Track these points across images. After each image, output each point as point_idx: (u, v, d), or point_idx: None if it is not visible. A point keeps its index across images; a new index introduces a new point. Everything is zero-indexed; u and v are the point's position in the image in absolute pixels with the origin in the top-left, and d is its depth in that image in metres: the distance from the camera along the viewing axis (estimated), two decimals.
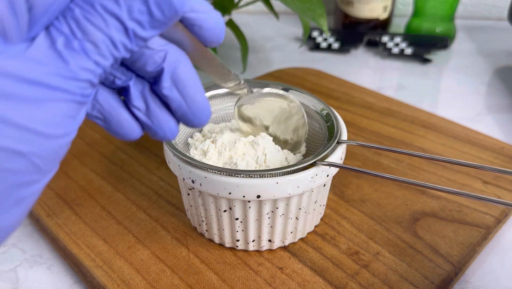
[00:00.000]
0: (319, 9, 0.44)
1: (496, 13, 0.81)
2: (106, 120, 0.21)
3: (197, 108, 0.21)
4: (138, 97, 0.21)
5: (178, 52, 0.20)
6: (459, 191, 0.25)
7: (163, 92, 0.20)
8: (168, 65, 0.20)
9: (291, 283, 0.30)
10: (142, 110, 0.21)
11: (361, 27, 0.73)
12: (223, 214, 0.30)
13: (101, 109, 0.20)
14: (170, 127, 0.22)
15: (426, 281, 0.30)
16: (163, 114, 0.21)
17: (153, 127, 0.21)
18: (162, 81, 0.20)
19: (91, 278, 0.31)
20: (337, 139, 0.31)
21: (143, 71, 0.20)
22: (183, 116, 0.21)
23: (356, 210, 0.36)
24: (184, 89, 0.20)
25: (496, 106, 0.54)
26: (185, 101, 0.21)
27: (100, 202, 0.37)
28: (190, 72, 0.21)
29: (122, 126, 0.21)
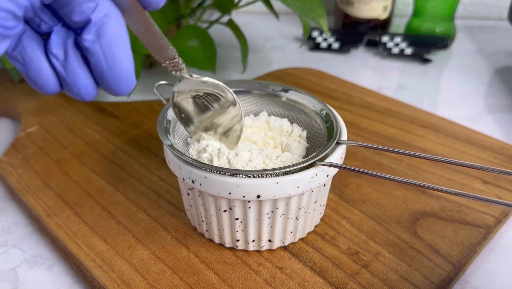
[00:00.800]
0: (319, 9, 0.44)
1: (496, 13, 0.81)
2: (25, 64, 0.20)
3: (117, 71, 0.20)
4: (58, 45, 0.20)
5: (111, 7, 0.19)
6: (459, 191, 0.25)
7: (84, 44, 0.19)
8: (96, 17, 0.19)
9: (291, 283, 0.30)
10: (59, 59, 0.20)
11: (361, 27, 0.73)
12: (223, 214, 0.30)
13: (22, 52, 0.19)
14: (86, 85, 0.20)
15: (426, 281, 0.30)
16: (80, 69, 0.20)
17: (68, 80, 0.20)
18: (85, 32, 0.19)
19: (91, 278, 0.31)
20: (336, 139, 0.31)
21: (69, 19, 0.19)
22: (101, 77, 0.20)
23: (356, 210, 0.36)
24: (107, 46, 0.19)
25: (496, 106, 0.54)
26: (106, 60, 0.20)
27: (100, 202, 0.37)
28: (120, 31, 0.20)
29: (39, 74, 0.20)
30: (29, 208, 0.37)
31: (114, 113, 0.50)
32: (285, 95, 0.36)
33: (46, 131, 0.47)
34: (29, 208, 0.37)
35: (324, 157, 0.30)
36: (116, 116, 0.49)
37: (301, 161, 0.29)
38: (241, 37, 0.57)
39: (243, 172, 0.28)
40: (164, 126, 0.32)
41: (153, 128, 0.47)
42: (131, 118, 0.49)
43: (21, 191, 0.39)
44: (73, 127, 0.47)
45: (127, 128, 0.47)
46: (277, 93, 0.36)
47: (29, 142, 0.45)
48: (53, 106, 0.51)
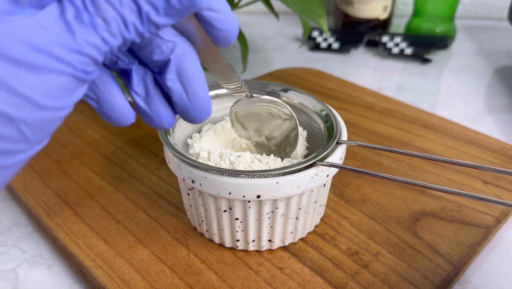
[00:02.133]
0: (319, 9, 0.44)
1: (496, 13, 0.81)
2: (99, 101, 0.20)
3: (199, 104, 0.21)
4: (139, 83, 0.21)
5: (187, 45, 0.20)
6: (459, 191, 0.25)
7: (167, 83, 0.20)
8: (175, 57, 0.20)
9: (291, 283, 0.30)
10: (141, 96, 0.21)
11: (361, 27, 0.73)
12: (223, 214, 0.30)
13: (96, 90, 0.20)
14: (168, 117, 0.22)
15: (426, 281, 0.30)
16: (162, 103, 0.21)
17: (151, 115, 0.21)
18: (167, 73, 0.20)
19: (91, 278, 0.31)
20: (336, 139, 0.31)
21: (148, 59, 0.20)
22: (183, 110, 0.21)
23: (356, 210, 0.36)
24: (188, 83, 0.20)
25: (496, 106, 0.54)
26: (187, 96, 0.21)
27: (100, 202, 0.37)
28: (196, 67, 0.21)
29: (114, 109, 0.20)
30: (29, 208, 0.37)
31: None
32: (285, 95, 0.36)
33: None
34: (29, 208, 0.37)
35: (324, 157, 0.30)
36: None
37: (302, 161, 0.29)
38: (241, 37, 0.57)
39: (243, 172, 0.28)
40: None
41: (153, 129, 0.47)
42: None
43: (21, 191, 0.39)
44: (73, 127, 0.47)
45: (127, 128, 0.47)
46: (277, 93, 0.36)
47: None
48: None
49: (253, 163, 0.30)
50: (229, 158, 0.30)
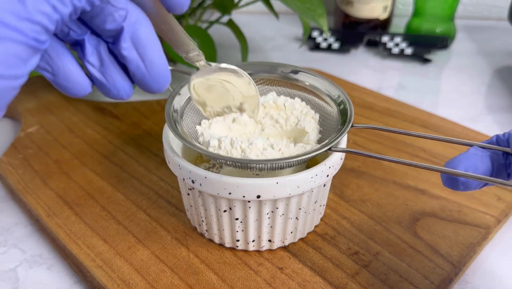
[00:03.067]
0: (319, 9, 0.44)
1: (496, 13, 0.81)
2: (53, 72, 0.20)
3: (156, 72, 0.21)
4: (93, 53, 0.20)
5: (139, 12, 0.20)
6: None
7: (122, 52, 0.20)
8: (128, 24, 0.19)
9: (291, 283, 0.30)
10: (96, 66, 0.21)
11: (361, 27, 0.72)
12: (223, 214, 0.30)
13: (50, 61, 0.20)
14: (125, 87, 0.21)
15: (426, 281, 0.30)
16: (118, 73, 0.21)
17: (107, 85, 0.21)
18: (121, 41, 0.20)
19: (91, 278, 0.31)
20: (351, 123, 0.30)
21: (101, 29, 0.20)
22: (141, 80, 0.21)
23: (356, 210, 0.36)
24: (143, 51, 0.20)
25: (496, 106, 0.54)
26: (144, 64, 0.20)
27: (100, 202, 0.37)
28: (151, 34, 0.20)
29: (69, 79, 0.20)
30: (29, 208, 0.37)
31: (114, 113, 0.50)
32: (295, 77, 0.35)
33: (46, 131, 0.47)
34: (29, 208, 0.37)
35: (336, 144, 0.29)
36: (116, 116, 0.49)
37: (316, 148, 0.28)
38: (241, 37, 0.57)
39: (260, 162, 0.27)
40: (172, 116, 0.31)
41: (153, 128, 0.47)
42: (131, 118, 0.49)
43: (21, 191, 0.39)
44: (73, 127, 0.47)
45: (127, 128, 0.47)
46: (287, 75, 0.35)
47: (29, 142, 0.45)
48: (53, 106, 0.51)
49: (265, 150, 0.29)
50: (241, 146, 0.29)
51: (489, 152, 0.24)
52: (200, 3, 0.57)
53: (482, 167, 0.23)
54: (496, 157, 0.24)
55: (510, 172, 0.24)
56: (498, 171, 0.24)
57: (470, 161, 0.23)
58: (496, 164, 0.24)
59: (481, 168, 0.23)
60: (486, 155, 0.24)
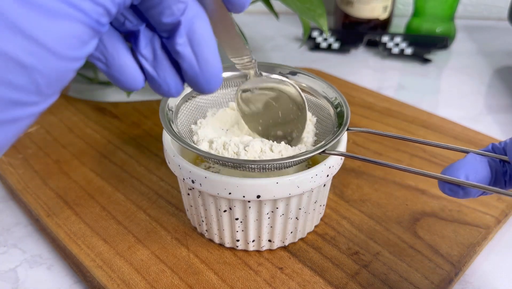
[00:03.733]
0: (319, 9, 0.44)
1: (496, 13, 0.81)
2: (107, 63, 0.19)
3: (209, 72, 0.20)
4: (147, 46, 0.20)
5: (198, 7, 0.19)
6: None
7: (176, 48, 0.19)
8: (186, 19, 0.19)
9: (291, 283, 0.30)
10: (149, 59, 0.20)
11: (361, 27, 0.72)
12: (223, 214, 0.30)
13: (104, 51, 0.19)
14: (176, 84, 0.21)
15: (426, 281, 0.30)
16: (170, 69, 0.20)
17: (158, 80, 0.20)
18: (176, 36, 0.19)
19: (91, 278, 0.31)
20: (347, 126, 0.29)
21: (157, 21, 0.19)
22: (193, 78, 0.20)
23: (356, 210, 0.36)
24: (199, 48, 0.19)
25: (496, 106, 0.54)
26: (198, 62, 0.19)
27: (100, 202, 0.37)
28: (208, 32, 0.19)
29: (123, 72, 0.20)
30: (29, 208, 0.37)
31: (114, 113, 0.50)
32: (293, 78, 0.35)
33: (46, 131, 0.47)
34: (29, 208, 0.37)
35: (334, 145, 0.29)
36: (116, 116, 0.49)
37: (311, 150, 0.28)
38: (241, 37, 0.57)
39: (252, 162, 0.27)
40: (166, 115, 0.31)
41: (153, 128, 0.47)
42: (131, 118, 0.49)
43: (21, 191, 0.39)
44: (73, 127, 0.47)
45: (127, 128, 0.47)
46: (285, 75, 0.35)
47: (29, 143, 0.45)
48: (53, 106, 0.51)
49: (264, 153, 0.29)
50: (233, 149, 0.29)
51: (487, 158, 0.24)
52: None
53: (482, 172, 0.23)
54: (494, 163, 0.24)
55: (507, 180, 0.24)
56: (496, 177, 0.24)
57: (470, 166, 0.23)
58: (495, 170, 0.24)
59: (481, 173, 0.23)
60: (484, 160, 0.24)
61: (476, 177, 0.23)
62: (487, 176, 0.24)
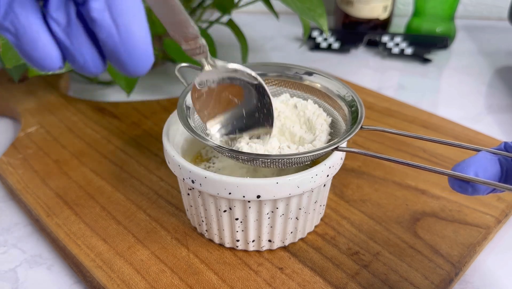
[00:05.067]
0: (319, 9, 0.43)
1: (496, 13, 0.81)
2: (18, 35, 0.16)
3: (133, 44, 0.17)
4: (59, 8, 0.17)
5: None
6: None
7: (91, 14, 0.16)
8: None
9: (291, 283, 0.30)
10: (61, 24, 0.17)
11: (361, 27, 0.72)
12: (223, 214, 0.30)
13: (14, 20, 0.16)
14: (93, 56, 0.17)
15: (426, 281, 0.30)
16: (86, 37, 0.17)
17: (72, 50, 0.17)
18: (92, 1, 0.16)
19: (91, 278, 0.31)
20: (360, 124, 0.29)
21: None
22: (113, 51, 0.17)
23: (356, 210, 0.36)
24: (119, 15, 0.16)
25: (497, 106, 0.54)
26: (118, 31, 0.16)
27: (100, 202, 0.37)
28: None
29: (35, 45, 0.17)
30: (29, 208, 0.37)
31: (114, 113, 0.50)
32: (309, 79, 0.35)
33: (46, 131, 0.47)
34: (29, 208, 0.37)
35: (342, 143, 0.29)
36: (116, 116, 0.49)
37: (325, 146, 0.28)
38: (241, 37, 0.57)
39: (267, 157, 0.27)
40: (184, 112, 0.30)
41: (153, 128, 0.47)
42: (131, 118, 0.49)
43: (21, 191, 0.39)
44: (73, 127, 0.47)
45: (127, 128, 0.47)
46: (301, 76, 0.35)
47: (29, 142, 0.45)
48: (53, 106, 0.51)
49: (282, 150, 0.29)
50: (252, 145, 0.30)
51: (498, 156, 0.24)
52: (200, 3, 0.57)
53: (492, 170, 0.23)
54: (506, 162, 0.24)
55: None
56: (507, 176, 0.24)
57: (480, 163, 0.23)
58: (506, 168, 0.24)
59: (490, 171, 0.23)
60: (495, 158, 0.24)
61: (486, 174, 0.23)
62: (497, 174, 0.24)
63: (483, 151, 0.25)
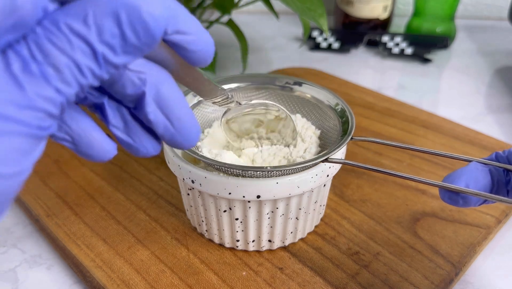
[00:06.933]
0: (319, 9, 0.43)
1: (497, 13, 0.81)
2: (74, 142, 0.19)
3: (186, 130, 0.19)
4: (116, 115, 0.19)
5: (160, 72, 0.18)
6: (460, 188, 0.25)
7: (148, 117, 0.18)
8: (149, 88, 0.18)
9: (291, 284, 0.30)
10: (120, 128, 0.19)
11: (361, 27, 0.72)
12: (223, 214, 0.30)
13: (69, 131, 0.18)
14: (153, 144, 0.20)
15: (426, 281, 0.30)
16: (144, 132, 0.20)
17: (134, 146, 0.20)
18: (145, 106, 0.18)
19: (91, 278, 0.31)
20: (350, 136, 0.30)
21: (121, 94, 0.18)
22: (171, 140, 0.19)
23: (356, 210, 0.36)
24: (170, 111, 0.18)
25: (497, 106, 0.54)
26: (172, 124, 0.19)
27: (99, 202, 0.37)
28: (175, 92, 0.19)
29: (93, 147, 0.19)
30: (29, 208, 0.37)
31: None
32: (299, 89, 0.35)
33: None
34: (29, 208, 0.37)
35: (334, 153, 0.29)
36: None
37: (314, 158, 0.28)
38: (241, 37, 0.57)
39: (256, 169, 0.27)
40: None
41: None
42: None
43: (21, 191, 0.39)
44: None
45: None
46: (291, 87, 0.35)
47: None
48: None
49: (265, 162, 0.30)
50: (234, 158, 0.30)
51: (489, 167, 0.24)
52: (200, 3, 0.57)
53: (483, 181, 0.23)
54: (497, 172, 0.24)
55: (510, 189, 0.24)
56: (498, 187, 0.24)
57: (471, 174, 0.23)
58: (496, 179, 0.24)
59: (481, 182, 0.23)
60: (486, 170, 0.24)
61: (477, 185, 0.23)
62: (488, 185, 0.23)
63: (474, 162, 0.24)
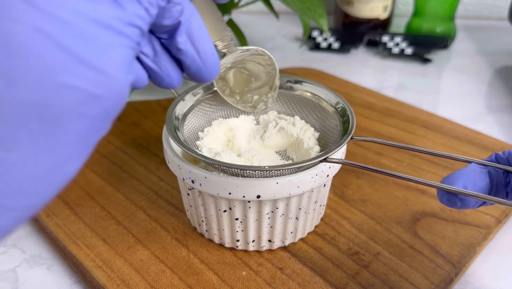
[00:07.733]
0: (319, 9, 0.43)
1: (497, 13, 0.81)
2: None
3: (210, 62, 0.22)
4: (147, 44, 0.21)
5: (191, 6, 0.20)
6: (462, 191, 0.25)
7: (179, 46, 0.21)
8: (184, 19, 0.20)
9: (291, 284, 0.30)
10: (150, 56, 0.21)
11: (361, 27, 0.72)
12: (223, 214, 0.30)
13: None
14: (177, 75, 0.22)
15: (426, 281, 0.30)
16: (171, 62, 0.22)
17: (161, 74, 0.22)
18: (178, 36, 0.20)
19: (91, 278, 0.31)
20: (351, 135, 0.30)
21: (158, 25, 0.20)
22: (196, 71, 0.22)
23: (356, 210, 0.36)
24: (198, 43, 0.21)
25: (497, 106, 0.54)
26: (199, 56, 0.21)
27: (99, 202, 0.37)
28: (203, 27, 0.21)
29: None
30: None
31: None
32: (300, 88, 0.35)
33: None
34: None
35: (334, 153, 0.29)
36: (116, 116, 0.49)
37: (314, 157, 0.28)
38: (241, 37, 0.57)
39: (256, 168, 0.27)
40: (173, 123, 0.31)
41: (153, 128, 0.47)
42: (131, 118, 0.49)
43: None
44: None
45: (127, 128, 0.47)
46: (292, 85, 0.35)
47: None
48: None
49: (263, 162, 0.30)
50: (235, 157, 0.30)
51: (489, 168, 0.24)
52: None
53: (481, 183, 0.23)
54: (496, 174, 0.24)
55: (509, 191, 0.24)
56: (497, 189, 0.24)
57: (469, 176, 0.23)
58: (496, 181, 0.24)
59: (480, 184, 0.23)
60: (485, 171, 0.24)
61: (475, 187, 0.23)
62: (487, 187, 0.23)
63: (473, 163, 0.24)
